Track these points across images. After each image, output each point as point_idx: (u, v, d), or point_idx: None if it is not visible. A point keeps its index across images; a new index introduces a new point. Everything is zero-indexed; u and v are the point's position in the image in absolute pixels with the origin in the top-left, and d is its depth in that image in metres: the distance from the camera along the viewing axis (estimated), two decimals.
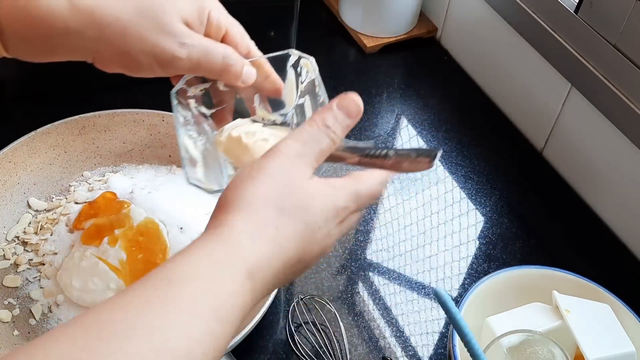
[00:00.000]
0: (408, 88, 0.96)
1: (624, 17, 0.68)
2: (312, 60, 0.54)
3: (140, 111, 0.76)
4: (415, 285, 0.72)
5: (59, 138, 0.74)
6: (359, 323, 0.68)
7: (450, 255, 0.75)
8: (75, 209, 0.69)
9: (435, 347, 0.67)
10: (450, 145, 0.87)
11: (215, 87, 0.54)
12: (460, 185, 0.83)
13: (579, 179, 0.83)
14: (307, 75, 0.56)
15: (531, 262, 0.74)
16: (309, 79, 0.55)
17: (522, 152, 0.88)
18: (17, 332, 0.62)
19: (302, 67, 0.55)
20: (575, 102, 0.79)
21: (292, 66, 0.56)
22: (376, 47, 1.00)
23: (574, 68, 0.76)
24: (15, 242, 0.68)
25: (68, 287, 0.63)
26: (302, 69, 0.56)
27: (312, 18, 1.04)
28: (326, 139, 0.45)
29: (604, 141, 0.77)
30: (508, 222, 0.79)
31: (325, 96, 0.52)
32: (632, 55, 0.69)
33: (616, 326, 0.59)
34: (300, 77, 0.56)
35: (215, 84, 0.54)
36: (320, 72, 0.54)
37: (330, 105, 0.47)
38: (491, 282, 0.62)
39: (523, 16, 0.82)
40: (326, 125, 0.45)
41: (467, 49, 0.98)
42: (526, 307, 0.61)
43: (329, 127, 0.46)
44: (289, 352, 0.65)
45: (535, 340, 0.56)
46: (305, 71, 0.56)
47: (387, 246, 0.75)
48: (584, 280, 0.62)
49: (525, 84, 0.87)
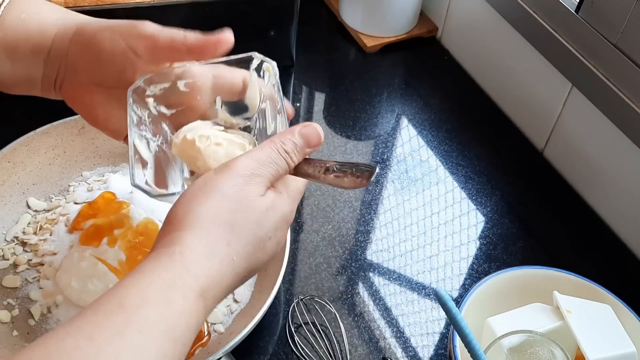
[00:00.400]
0: (408, 88, 0.96)
1: (625, 16, 0.68)
2: (273, 64, 0.54)
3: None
4: (415, 286, 0.72)
5: (58, 138, 0.74)
6: (359, 324, 0.68)
7: (451, 255, 0.75)
8: (75, 209, 0.69)
9: (435, 348, 0.67)
10: (451, 145, 0.87)
11: (175, 87, 0.54)
12: (460, 186, 0.82)
13: (579, 179, 0.82)
14: (269, 80, 0.55)
15: (532, 263, 0.74)
16: (270, 83, 0.55)
17: (522, 152, 0.88)
18: (16, 333, 0.62)
19: (265, 71, 0.55)
20: (576, 102, 0.79)
21: (255, 70, 0.55)
22: (376, 46, 1.00)
23: (575, 68, 0.76)
24: (15, 243, 0.68)
25: (67, 288, 0.63)
26: (265, 73, 0.55)
27: (312, 18, 1.04)
28: (283, 163, 0.46)
29: (604, 141, 0.76)
30: (509, 222, 0.79)
31: (282, 104, 0.52)
32: (633, 54, 0.69)
33: (617, 326, 0.59)
34: (263, 82, 0.55)
35: (175, 84, 0.54)
36: (321, 71, 0.54)
37: (293, 130, 0.48)
38: (492, 282, 0.62)
39: (524, 16, 0.82)
40: (285, 150, 0.46)
41: (467, 48, 0.98)
42: (527, 307, 0.61)
43: (288, 152, 0.46)
44: (288, 352, 0.65)
45: (536, 340, 0.56)
46: (268, 75, 0.55)
47: (388, 246, 0.75)
48: (585, 281, 0.62)
49: (526, 83, 0.87)
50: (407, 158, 0.85)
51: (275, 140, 0.46)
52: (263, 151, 0.46)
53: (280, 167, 0.46)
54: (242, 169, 0.44)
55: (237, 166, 0.44)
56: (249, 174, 0.44)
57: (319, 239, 0.75)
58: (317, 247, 0.74)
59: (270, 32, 0.89)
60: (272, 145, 0.46)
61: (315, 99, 0.92)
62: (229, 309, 0.65)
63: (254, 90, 0.56)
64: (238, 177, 0.44)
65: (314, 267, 0.72)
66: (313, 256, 0.73)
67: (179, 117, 0.55)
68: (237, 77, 0.54)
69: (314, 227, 0.76)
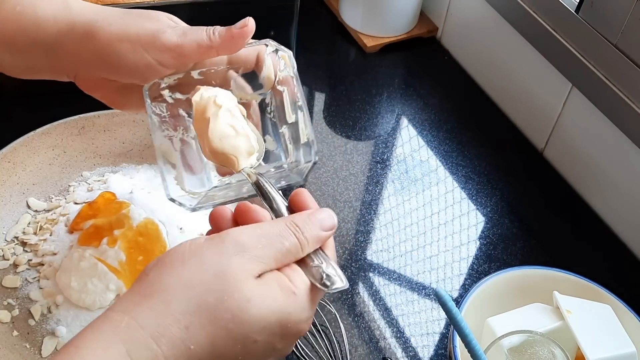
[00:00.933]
0: (408, 88, 0.96)
1: (625, 16, 0.68)
2: (289, 53, 0.53)
3: (140, 111, 0.75)
4: (415, 286, 0.72)
5: (58, 138, 0.73)
6: (359, 324, 0.68)
7: (451, 255, 0.75)
8: (75, 209, 0.69)
9: (435, 348, 0.67)
10: (451, 145, 0.87)
11: (189, 76, 0.54)
12: (460, 186, 0.82)
13: (579, 179, 0.82)
14: (285, 67, 0.54)
15: (532, 263, 0.74)
16: (287, 72, 0.54)
17: (522, 152, 0.88)
18: (16, 333, 0.62)
19: (280, 58, 0.55)
20: (576, 102, 0.79)
21: (270, 54, 0.55)
22: (376, 46, 1.00)
23: (575, 68, 0.76)
24: (15, 243, 0.68)
25: (67, 288, 0.63)
26: (280, 60, 0.55)
27: (312, 18, 1.04)
28: (294, 241, 0.37)
29: (604, 141, 0.76)
30: (509, 222, 0.79)
31: (303, 100, 0.52)
32: (633, 54, 0.69)
33: (617, 327, 0.59)
34: (279, 66, 0.55)
35: (189, 73, 0.53)
36: (321, 72, 0.54)
37: (312, 213, 0.40)
38: (492, 282, 0.62)
39: (524, 16, 0.82)
40: (299, 228, 0.38)
41: (467, 48, 0.98)
42: (527, 307, 0.61)
43: (303, 232, 0.38)
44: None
45: (536, 340, 0.56)
46: (284, 63, 0.55)
47: (388, 247, 0.75)
48: (585, 281, 0.62)
49: (526, 83, 0.87)
50: (407, 158, 0.85)
51: (288, 219, 0.38)
52: (273, 224, 0.37)
53: (290, 243, 0.36)
54: (237, 235, 0.35)
55: (232, 232, 0.36)
56: (243, 243, 0.35)
57: None
58: None
59: (270, 32, 0.89)
60: (285, 221, 0.38)
61: (315, 99, 0.92)
62: None
63: (268, 70, 0.55)
64: (228, 245, 0.35)
65: None
66: None
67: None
68: (251, 53, 0.53)
69: None
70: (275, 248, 0.36)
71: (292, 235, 0.37)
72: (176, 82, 0.53)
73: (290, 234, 0.37)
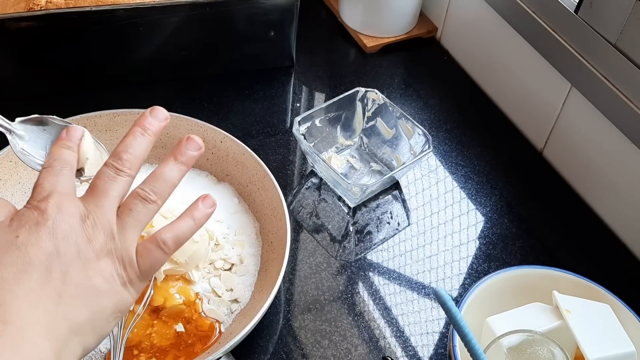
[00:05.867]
0: (408, 88, 0.96)
1: (624, 16, 0.68)
2: (376, 91, 0.79)
3: (141, 111, 0.75)
4: (415, 285, 0.72)
5: None
6: (359, 323, 0.68)
7: (451, 255, 0.75)
8: None
9: (435, 347, 0.67)
10: (451, 145, 0.87)
11: None
12: (460, 185, 0.83)
13: (579, 179, 0.83)
14: (374, 103, 0.80)
15: (531, 262, 0.74)
16: (376, 105, 0.81)
17: (522, 152, 0.88)
18: None
19: (368, 98, 0.80)
20: (575, 102, 0.79)
21: (359, 100, 0.80)
22: (376, 47, 1.00)
23: (574, 68, 0.76)
24: None
25: None
26: (368, 100, 0.80)
27: (312, 18, 1.04)
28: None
29: (604, 141, 0.77)
30: (508, 222, 0.79)
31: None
32: (632, 55, 0.69)
33: (616, 326, 0.59)
34: (367, 107, 0.80)
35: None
36: (321, 72, 0.54)
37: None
38: (491, 282, 0.62)
39: (523, 16, 0.82)
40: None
41: (467, 49, 0.98)
42: (526, 307, 0.61)
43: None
44: (289, 352, 0.65)
45: (535, 340, 0.56)
46: (372, 100, 0.80)
47: (387, 246, 0.75)
48: (584, 280, 0.62)
49: (525, 83, 0.87)
50: None
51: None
52: None
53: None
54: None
55: None
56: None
57: (319, 238, 0.75)
58: (317, 247, 0.74)
59: (270, 32, 0.89)
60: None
61: (315, 99, 0.92)
62: (229, 309, 0.65)
63: (358, 117, 0.82)
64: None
65: (314, 267, 0.72)
66: (313, 256, 0.73)
67: None
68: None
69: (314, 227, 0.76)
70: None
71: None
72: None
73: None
